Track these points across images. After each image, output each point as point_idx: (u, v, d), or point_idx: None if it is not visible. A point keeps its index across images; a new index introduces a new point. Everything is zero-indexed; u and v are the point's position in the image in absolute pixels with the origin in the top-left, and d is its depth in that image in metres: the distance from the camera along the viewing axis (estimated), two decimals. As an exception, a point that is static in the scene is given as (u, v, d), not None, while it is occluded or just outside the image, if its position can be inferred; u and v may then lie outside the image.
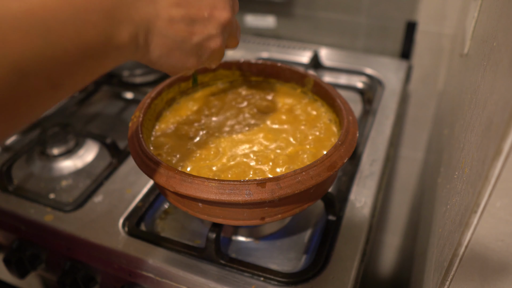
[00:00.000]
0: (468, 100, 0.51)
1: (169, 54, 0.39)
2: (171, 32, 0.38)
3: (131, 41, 0.35)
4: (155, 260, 0.57)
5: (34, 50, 0.27)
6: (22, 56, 0.26)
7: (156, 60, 0.39)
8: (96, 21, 0.31)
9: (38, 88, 0.28)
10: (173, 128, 0.59)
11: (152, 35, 0.36)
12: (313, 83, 0.62)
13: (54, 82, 0.29)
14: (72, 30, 0.29)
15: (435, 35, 0.96)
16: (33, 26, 0.27)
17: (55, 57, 0.28)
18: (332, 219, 0.61)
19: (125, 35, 0.34)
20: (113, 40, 0.33)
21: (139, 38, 0.35)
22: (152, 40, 0.37)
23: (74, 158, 0.76)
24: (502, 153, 0.31)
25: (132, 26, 0.34)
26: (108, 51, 0.33)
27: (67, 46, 0.29)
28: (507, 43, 0.35)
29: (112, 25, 0.32)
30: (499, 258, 0.37)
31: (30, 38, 0.27)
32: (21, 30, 0.26)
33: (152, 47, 0.37)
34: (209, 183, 0.45)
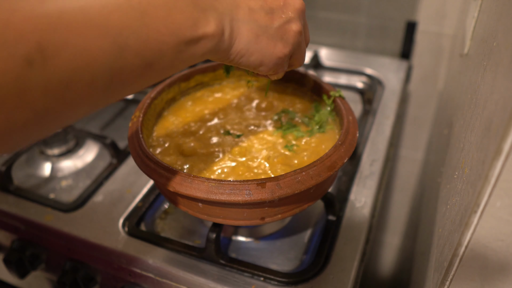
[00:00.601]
0: (468, 100, 0.51)
1: (257, 40, 0.40)
2: (253, 19, 0.40)
3: (217, 28, 0.37)
4: (155, 260, 0.57)
5: (132, 28, 0.31)
6: (121, 33, 0.30)
7: (245, 47, 0.40)
8: (183, 7, 0.34)
9: (132, 65, 0.32)
10: (173, 128, 0.59)
11: (237, 22, 0.39)
12: (313, 83, 0.62)
13: (147, 61, 0.32)
14: (163, 13, 0.33)
15: (435, 35, 0.96)
16: (130, 9, 0.31)
17: (149, 36, 0.32)
18: (332, 219, 0.61)
19: (211, 21, 0.36)
20: (200, 25, 0.35)
21: (225, 25, 0.38)
22: (238, 27, 0.39)
23: (74, 158, 0.76)
24: (502, 153, 0.31)
25: (216, 13, 0.37)
26: (197, 37, 0.35)
27: (159, 27, 0.33)
28: (507, 43, 0.35)
29: (198, 11, 0.35)
30: (499, 258, 0.37)
31: (128, 18, 0.31)
32: (121, 11, 0.30)
33: (239, 34, 0.39)
34: (209, 183, 0.45)
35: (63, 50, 0.27)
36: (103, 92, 0.31)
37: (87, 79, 0.29)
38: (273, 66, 0.43)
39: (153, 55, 0.33)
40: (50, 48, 0.27)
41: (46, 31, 0.27)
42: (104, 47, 0.29)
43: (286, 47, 0.43)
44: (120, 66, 0.31)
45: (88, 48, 0.28)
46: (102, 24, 0.29)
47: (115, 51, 0.30)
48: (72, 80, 0.28)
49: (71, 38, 0.27)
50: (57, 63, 0.27)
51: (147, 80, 0.35)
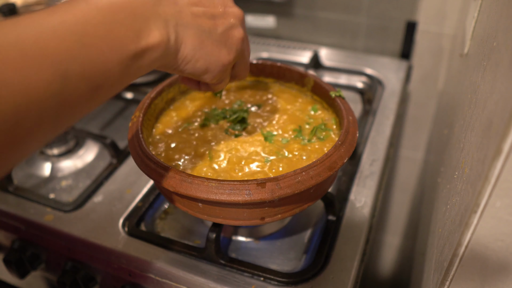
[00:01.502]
0: (468, 100, 0.51)
1: (202, 45, 0.40)
2: (197, 24, 0.39)
3: (163, 37, 0.36)
4: (155, 260, 0.57)
5: (72, 53, 0.29)
6: (62, 61, 0.29)
7: (191, 53, 0.39)
8: (123, 19, 0.33)
9: (78, 90, 0.30)
10: (173, 128, 0.59)
11: (181, 27, 0.38)
12: (313, 83, 0.62)
13: (92, 83, 0.31)
14: (103, 30, 0.32)
15: (435, 35, 0.96)
16: (68, 33, 0.30)
17: (91, 58, 0.31)
18: (332, 219, 0.61)
19: (154, 29, 0.35)
20: (143, 35, 0.34)
21: (169, 32, 0.37)
22: (184, 32, 0.38)
23: (74, 158, 0.76)
24: (502, 153, 0.31)
25: (159, 21, 0.36)
26: (142, 48, 0.34)
27: (100, 46, 0.31)
28: (507, 43, 0.35)
29: (139, 21, 0.34)
30: (499, 258, 0.37)
31: (67, 43, 0.29)
32: (59, 37, 0.29)
33: (184, 39, 0.38)
34: (209, 183, 0.45)
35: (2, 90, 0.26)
36: (53, 122, 0.29)
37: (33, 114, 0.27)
38: (218, 73, 0.43)
39: (99, 76, 0.31)
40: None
41: None
42: (46, 79, 0.28)
43: (230, 53, 0.43)
44: (66, 95, 0.29)
45: (29, 83, 0.27)
46: (40, 54, 0.28)
47: (58, 81, 0.28)
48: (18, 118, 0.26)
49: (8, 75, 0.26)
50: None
51: (98, 100, 0.33)
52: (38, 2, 0.91)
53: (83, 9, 0.31)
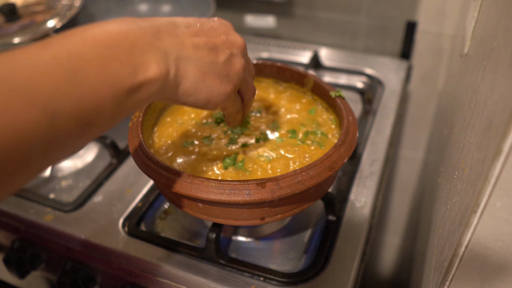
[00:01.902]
0: (468, 100, 0.51)
1: (204, 78, 0.39)
2: (199, 57, 0.38)
3: (162, 70, 0.34)
4: (155, 260, 0.57)
5: (62, 91, 0.28)
6: (51, 99, 0.28)
7: (192, 86, 0.38)
8: (118, 54, 0.32)
9: (68, 129, 0.29)
10: (173, 128, 0.59)
11: (182, 60, 0.37)
12: (313, 83, 0.62)
13: (83, 121, 0.30)
14: (96, 66, 0.30)
15: (435, 35, 0.96)
16: (59, 69, 0.28)
17: (83, 95, 0.29)
18: (332, 219, 0.61)
19: (152, 63, 0.34)
20: (140, 70, 0.33)
21: (169, 65, 0.35)
22: (184, 65, 0.37)
23: (74, 158, 0.76)
24: (502, 153, 0.31)
25: (159, 54, 0.34)
26: (138, 84, 0.33)
27: (93, 82, 0.30)
28: (507, 43, 0.35)
29: (137, 55, 0.33)
30: (499, 258, 0.37)
31: (58, 80, 0.28)
32: (49, 74, 0.28)
33: (186, 73, 0.37)
34: (209, 183, 0.45)
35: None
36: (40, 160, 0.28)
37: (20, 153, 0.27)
38: (220, 102, 0.42)
39: (90, 114, 0.30)
40: None
41: None
42: (35, 118, 0.27)
43: (231, 83, 0.42)
44: (54, 133, 0.28)
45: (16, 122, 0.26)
46: (29, 93, 0.27)
47: (46, 120, 0.27)
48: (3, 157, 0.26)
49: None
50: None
51: (89, 137, 0.32)
52: (38, 2, 0.92)
53: (77, 43, 0.30)
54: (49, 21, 0.85)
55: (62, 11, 0.87)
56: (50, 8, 0.89)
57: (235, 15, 1.13)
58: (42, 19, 0.85)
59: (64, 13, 0.86)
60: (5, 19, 0.85)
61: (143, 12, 1.03)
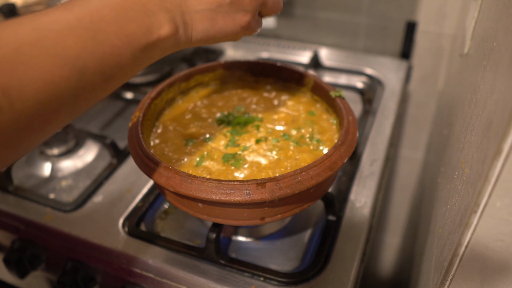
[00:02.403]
0: (468, 100, 0.51)
1: (213, 23, 0.41)
2: (203, 5, 0.41)
3: (172, 28, 0.38)
4: (155, 260, 0.57)
5: (88, 50, 0.32)
6: (79, 57, 0.31)
7: (204, 34, 0.41)
8: (134, 16, 0.35)
9: (93, 83, 0.33)
10: (173, 128, 0.59)
11: (188, 14, 0.40)
12: (313, 83, 0.62)
13: (106, 76, 0.34)
14: (116, 27, 0.34)
15: (435, 35, 0.96)
16: (84, 30, 0.32)
17: (105, 53, 0.33)
18: (332, 219, 0.61)
19: (164, 22, 0.37)
20: (153, 29, 0.36)
21: (177, 22, 0.39)
22: (191, 19, 0.40)
23: (74, 158, 0.76)
24: (502, 153, 0.31)
25: (167, 13, 0.38)
26: (152, 41, 0.37)
27: (114, 41, 0.34)
28: (507, 43, 0.35)
29: (149, 16, 0.36)
30: (499, 258, 0.37)
31: (83, 40, 0.32)
32: (75, 35, 0.31)
33: (194, 25, 0.40)
34: (209, 183, 0.45)
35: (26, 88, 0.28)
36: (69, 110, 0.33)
37: (53, 106, 0.30)
38: (240, 33, 0.44)
39: (112, 69, 0.34)
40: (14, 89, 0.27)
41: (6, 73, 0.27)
42: (65, 75, 0.30)
43: (245, 15, 0.43)
44: (82, 87, 0.32)
45: (50, 79, 0.29)
46: (59, 53, 0.30)
47: (76, 76, 0.31)
48: (39, 111, 0.29)
49: (31, 74, 0.28)
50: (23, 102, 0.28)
51: (111, 89, 0.36)
52: (38, 2, 0.92)
53: (97, 6, 0.34)
54: (49, 21, 0.84)
55: (62, 11, 0.87)
56: (50, 8, 0.88)
57: None
58: (42, 19, 0.85)
59: (64, 13, 0.86)
60: (5, 19, 0.85)
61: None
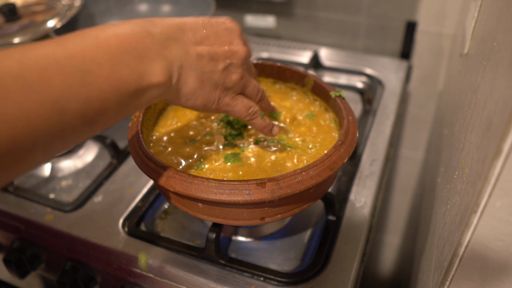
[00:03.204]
0: (468, 100, 0.51)
1: (202, 86, 0.42)
2: (200, 66, 0.41)
3: (165, 77, 0.37)
4: (155, 260, 0.57)
5: (72, 90, 0.30)
6: (61, 97, 0.29)
7: (191, 92, 0.41)
8: (128, 61, 0.34)
9: (73, 125, 0.31)
10: (173, 128, 0.59)
11: (185, 69, 0.40)
12: (313, 83, 0.62)
13: (88, 119, 0.32)
14: (107, 70, 0.32)
15: (435, 35, 0.96)
16: (72, 69, 0.30)
17: (91, 96, 0.31)
18: (332, 219, 0.61)
19: (158, 70, 0.36)
20: (145, 76, 0.35)
21: (173, 73, 0.38)
22: (186, 74, 0.40)
23: (74, 158, 0.76)
24: (502, 153, 0.31)
25: (165, 62, 0.37)
26: (142, 88, 0.35)
27: (102, 85, 0.32)
28: (507, 43, 0.35)
29: (144, 63, 0.35)
30: (499, 258, 0.37)
31: (69, 80, 0.30)
32: (62, 73, 0.30)
33: (186, 81, 0.40)
34: (209, 183, 0.45)
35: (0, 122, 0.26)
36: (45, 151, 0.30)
37: (27, 145, 0.28)
38: (216, 108, 0.45)
39: (95, 113, 0.32)
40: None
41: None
42: (44, 114, 0.29)
43: (224, 91, 0.44)
44: (60, 129, 0.30)
45: (27, 116, 0.28)
46: (42, 90, 0.28)
47: (55, 116, 0.29)
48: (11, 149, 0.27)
49: (8, 108, 0.27)
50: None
51: (91, 133, 0.34)
52: (38, 2, 0.92)
53: (91, 46, 0.32)
54: (49, 21, 0.85)
55: (62, 11, 0.87)
56: (50, 8, 0.89)
57: (235, 15, 1.13)
58: (42, 19, 0.85)
59: (64, 13, 0.86)
60: (5, 19, 0.85)
61: (143, 12, 1.03)
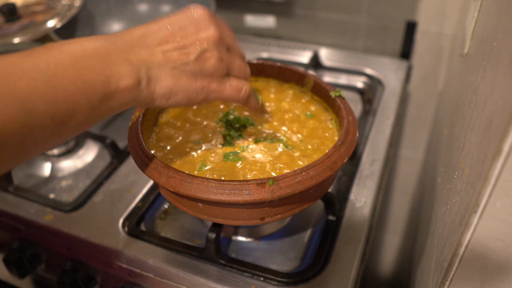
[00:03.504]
0: (468, 100, 0.51)
1: (177, 81, 0.41)
2: (170, 62, 0.41)
3: (133, 80, 0.38)
4: (155, 260, 0.57)
5: (39, 92, 0.32)
6: (28, 98, 0.31)
7: (167, 91, 0.41)
8: (93, 65, 0.35)
9: (43, 125, 0.32)
10: (173, 128, 0.59)
11: (153, 70, 0.40)
12: (313, 83, 0.62)
13: (58, 120, 0.33)
14: (72, 74, 0.34)
15: (435, 35, 0.96)
16: (38, 74, 0.32)
17: (58, 97, 0.33)
18: (332, 219, 0.61)
19: (125, 74, 0.37)
20: (112, 80, 0.36)
21: (141, 76, 0.39)
22: (156, 74, 0.40)
23: (74, 158, 0.76)
24: (502, 153, 0.31)
25: (131, 66, 0.38)
26: (110, 92, 0.36)
27: (68, 87, 0.33)
28: (507, 43, 0.35)
29: (109, 67, 0.36)
30: (499, 258, 0.37)
31: (35, 83, 0.32)
32: (28, 78, 0.32)
33: (158, 80, 0.40)
34: (209, 183, 0.45)
35: None
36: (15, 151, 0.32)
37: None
38: (203, 97, 0.44)
39: (64, 114, 0.33)
40: None
41: None
42: (11, 114, 0.30)
43: (206, 78, 0.43)
44: (29, 130, 0.31)
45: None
46: (9, 92, 0.30)
47: (22, 116, 0.31)
48: None
49: None
50: None
51: (63, 136, 0.35)
52: (38, 2, 0.92)
53: (55, 55, 0.34)
54: (49, 21, 0.85)
55: (62, 11, 0.87)
56: (50, 8, 0.89)
57: (235, 15, 1.13)
58: (42, 19, 0.85)
59: (64, 13, 0.86)
60: (5, 19, 0.85)
61: (143, 12, 1.03)
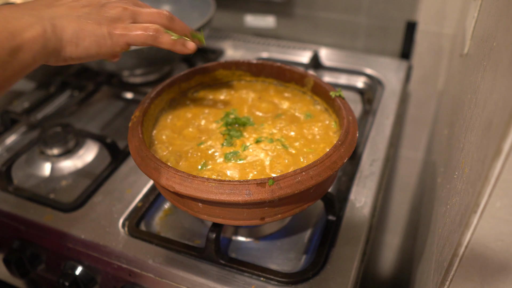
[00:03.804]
0: (468, 100, 0.51)
1: (82, 26, 0.43)
2: (74, 12, 0.44)
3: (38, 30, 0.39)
4: (155, 260, 0.57)
5: None
6: None
7: (74, 35, 0.43)
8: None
9: None
10: (172, 128, 0.59)
11: (58, 19, 0.42)
12: (313, 83, 0.62)
13: None
14: None
15: (435, 35, 0.96)
16: None
17: None
18: (332, 219, 0.61)
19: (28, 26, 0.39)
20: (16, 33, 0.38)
21: (45, 25, 0.40)
22: (61, 22, 0.42)
23: (74, 158, 0.76)
24: (502, 153, 0.31)
25: (34, 18, 0.40)
26: (17, 44, 0.38)
27: None
28: (507, 43, 0.35)
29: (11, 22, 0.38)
30: (499, 258, 0.37)
31: None
32: None
33: (64, 27, 0.42)
34: (209, 183, 0.45)
35: None
36: None
37: None
38: (111, 42, 0.45)
39: None
40: None
41: None
42: None
43: (111, 23, 0.45)
44: None
45: None
46: None
47: None
48: None
49: None
50: None
51: None
52: (38, 2, 0.91)
53: None
54: (49, 21, 0.84)
55: (62, 11, 0.87)
56: (50, 8, 0.88)
57: (235, 15, 1.13)
58: (42, 19, 0.85)
59: (64, 13, 0.86)
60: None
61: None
